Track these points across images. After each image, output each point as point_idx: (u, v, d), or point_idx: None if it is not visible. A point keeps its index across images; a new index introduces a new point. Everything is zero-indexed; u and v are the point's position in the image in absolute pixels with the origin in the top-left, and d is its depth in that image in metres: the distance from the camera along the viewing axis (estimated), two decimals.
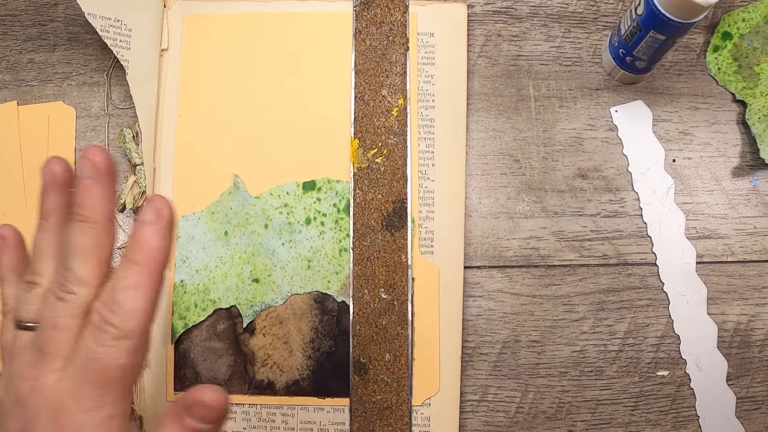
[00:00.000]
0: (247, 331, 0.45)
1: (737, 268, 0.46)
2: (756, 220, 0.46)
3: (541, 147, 0.47)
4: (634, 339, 0.45)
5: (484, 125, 0.48)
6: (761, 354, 0.45)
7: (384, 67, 0.46)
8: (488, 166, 0.47)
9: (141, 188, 0.46)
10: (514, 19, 0.49)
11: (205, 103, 0.48)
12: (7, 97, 0.49)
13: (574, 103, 0.48)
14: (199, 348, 0.45)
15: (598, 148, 0.47)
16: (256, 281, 0.45)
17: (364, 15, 0.46)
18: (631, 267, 0.46)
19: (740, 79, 0.47)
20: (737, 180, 0.47)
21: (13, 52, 0.49)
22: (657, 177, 0.47)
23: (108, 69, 0.49)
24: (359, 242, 0.44)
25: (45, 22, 0.50)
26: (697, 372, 0.45)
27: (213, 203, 0.46)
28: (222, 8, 0.49)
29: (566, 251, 0.46)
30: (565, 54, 0.48)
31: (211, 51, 0.48)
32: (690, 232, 0.46)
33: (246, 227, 0.46)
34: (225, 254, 0.46)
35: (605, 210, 0.46)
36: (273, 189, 0.46)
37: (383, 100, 0.45)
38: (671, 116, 0.47)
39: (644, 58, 0.44)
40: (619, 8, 0.49)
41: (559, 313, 0.46)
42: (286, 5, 0.48)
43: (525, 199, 0.47)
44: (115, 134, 0.48)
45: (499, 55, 0.48)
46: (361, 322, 0.44)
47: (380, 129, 0.45)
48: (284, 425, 0.44)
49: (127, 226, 0.47)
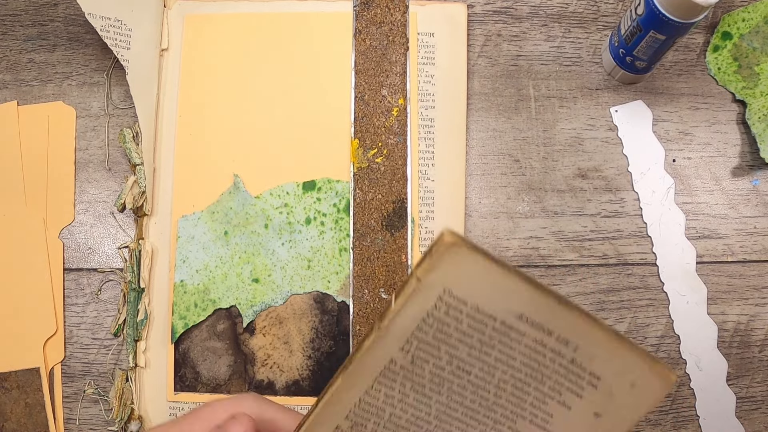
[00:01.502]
0: (247, 331, 0.45)
1: (737, 268, 0.46)
2: (756, 220, 0.46)
3: (541, 147, 0.47)
4: (634, 339, 0.45)
5: (484, 125, 0.48)
6: (761, 354, 0.45)
7: (384, 67, 0.46)
8: (488, 166, 0.47)
9: (141, 188, 0.46)
10: (514, 19, 0.49)
11: (205, 103, 0.48)
12: (7, 97, 0.49)
13: (574, 103, 0.48)
14: (199, 348, 0.45)
15: (598, 148, 0.47)
16: (256, 281, 0.45)
17: (364, 15, 0.46)
18: (631, 267, 0.46)
19: (740, 79, 0.47)
20: (737, 180, 0.47)
21: (13, 52, 0.49)
22: (657, 177, 0.47)
23: (108, 69, 0.49)
24: (359, 242, 0.44)
25: (45, 22, 0.50)
26: (697, 372, 0.45)
27: (213, 203, 0.46)
28: (222, 8, 0.49)
29: (566, 251, 0.46)
30: (565, 54, 0.48)
31: (211, 51, 0.48)
32: (690, 232, 0.46)
33: (246, 227, 0.46)
34: (225, 254, 0.46)
35: (605, 210, 0.46)
36: (273, 189, 0.46)
37: (383, 100, 0.45)
38: (671, 116, 0.47)
39: (644, 58, 0.44)
40: (619, 8, 0.49)
41: None
42: (286, 5, 0.48)
43: (525, 199, 0.47)
44: (115, 134, 0.48)
45: (499, 55, 0.48)
46: (361, 322, 0.44)
47: (380, 129, 0.45)
48: None
49: (127, 226, 0.47)
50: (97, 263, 0.47)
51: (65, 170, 0.48)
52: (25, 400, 0.45)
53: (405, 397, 0.24)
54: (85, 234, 0.47)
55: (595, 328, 0.22)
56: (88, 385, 0.45)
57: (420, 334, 0.23)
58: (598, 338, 0.22)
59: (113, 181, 0.48)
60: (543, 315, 0.22)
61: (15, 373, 0.45)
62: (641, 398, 0.22)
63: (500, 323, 0.22)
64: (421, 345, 0.23)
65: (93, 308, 0.46)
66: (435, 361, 0.23)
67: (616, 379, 0.22)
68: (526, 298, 0.22)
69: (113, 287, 0.47)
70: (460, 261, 0.21)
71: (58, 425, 0.45)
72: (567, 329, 0.22)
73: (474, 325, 0.22)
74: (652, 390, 0.22)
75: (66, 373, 0.46)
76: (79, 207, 0.47)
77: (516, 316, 0.22)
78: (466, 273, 0.21)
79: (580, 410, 0.23)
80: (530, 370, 0.23)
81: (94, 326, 0.46)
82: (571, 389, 0.23)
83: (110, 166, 0.48)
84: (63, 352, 0.46)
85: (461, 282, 0.22)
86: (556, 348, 0.22)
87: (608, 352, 0.22)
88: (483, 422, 0.24)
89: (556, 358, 0.23)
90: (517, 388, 0.23)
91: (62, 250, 0.47)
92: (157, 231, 0.46)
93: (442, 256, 0.21)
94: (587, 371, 0.23)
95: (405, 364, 0.24)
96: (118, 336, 0.46)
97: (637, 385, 0.22)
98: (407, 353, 0.23)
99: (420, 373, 0.24)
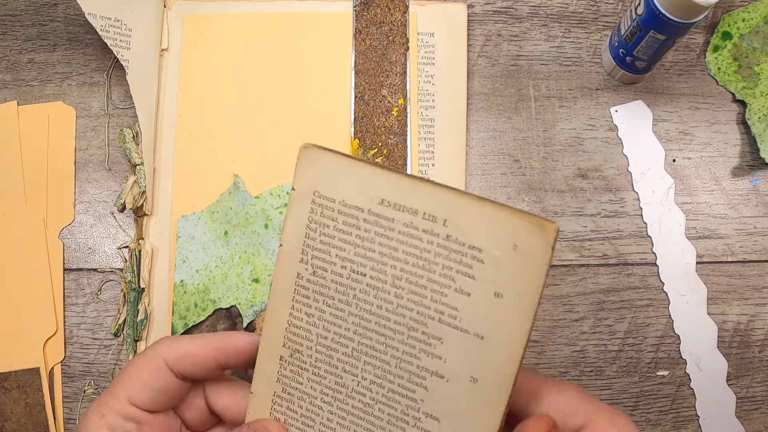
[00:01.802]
0: (248, 331, 0.45)
1: (737, 268, 0.46)
2: (756, 220, 0.46)
3: (541, 147, 0.47)
4: (634, 339, 0.45)
5: (484, 125, 0.48)
6: (761, 354, 0.45)
7: (384, 67, 0.46)
8: (488, 166, 0.47)
9: (141, 188, 0.46)
10: (514, 19, 0.49)
11: (205, 103, 0.48)
12: (7, 97, 0.49)
13: (574, 103, 0.48)
14: None
15: (598, 148, 0.47)
16: (256, 281, 0.45)
17: (364, 15, 0.46)
18: (631, 267, 0.46)
19: (740, 79, 0.47)
20: (737, 180, 0.47)
21: (13, 52, 0.49)
22: (657, 177, 0.47)
23: (108, 69, 0.49)
24: None
25: (45, 22, 0.50)
26: (697, 372, 0.45)
27: (213, 203, 0.46)
28: (222, 8, 0.49)
29: (566, 251, 0.46)
30: (565, 54, 0.48)
31: (211, 51, 0.48)
32: (690, 232, 0.46)
33: (246, 227, 0.46)
34: (225, 254, 0.46)
35: (605, 210, 0.46)
36: (273, 189, 0.46)
37: (383, 100, 0.45)
38: (671, 116, 0.47)
39: (644, 58, 0.44)
40: (619, 8, 0.49)
41: (559, 313, 0.46)
42: (286, 5, 0.48)
43: (525, 199, 0.47)
44: (115, 134, 0.48)
45: (499, 55, 0.48)
46: None
47: (380, 129, 0.45)
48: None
49: (127, 226, 0.47)
50: (97, 263, 0.47)
51: (65, 170, 0.48)
52: (25, 400, 0.45)
53: (322, 314, 0.26)
54: (85, 234, 0.47)
55: (454, 195, 0.23)
56: (88, 385, 0.45)
57: (310, 241, 0.25)
58: (461, 206, 0.23)
59: (113, 181, 0.48)
60: (402, 195, 0.23)
61: (15, 373, 0.45)
62: (530, 259, 0.22)
63: (368, 213, 0.24)
64: (314, 253, 0.25)
65: (93, 308, 0.46)
66: (331, 267, 0.25)
67: (495, 245, 0.22)
68: (381, 183, 0.23)
69: (113, 287, 0.47)
70: (315, 160, 0.24)
71: (58, 425, 0.45)
72: (429, 204, 0.23)
73: (348, 220, 0.24)
74: (537, 246, 0.22)
75: (66, 373, 0.46)
76: (79, 207, 0.47)
77: (378, 201, 0.24)
78: (325, 171, 0.24)
79: (479, 294, 0.23)
80: (415, 258, 0.24)
81: (94, 326, 0.46)
82: (461, 271, 0.23)
83: (110, 166, 0.48)
84: (63, 352, 0.46)
85: (324, 181, 0.24)
86: (428, 227, 0.23)
87: (476, 218, 0.22)
88: (397, 330, 0.24)
89: (432, 239, 0.23)
90: (411, 282, 0.24)
91: (62, 250, 0.47)
92: (157, 231, 0.46)
93: (300, 160, 0.24)
94: (465, 245, 0.23)
95: (309, 277, 0.25)
96: (118, 336, 0.46)
97: (519, 246, 0.22)
98: (307, 264, 0.25)
99: (324, 284, 0.25)
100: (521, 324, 0.22)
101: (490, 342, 0.23)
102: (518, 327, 0.22)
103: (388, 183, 0.23)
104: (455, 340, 0.23)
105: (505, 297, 0.22)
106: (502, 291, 0.23)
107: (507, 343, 0.23)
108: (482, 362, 0.23)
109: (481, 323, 0.23)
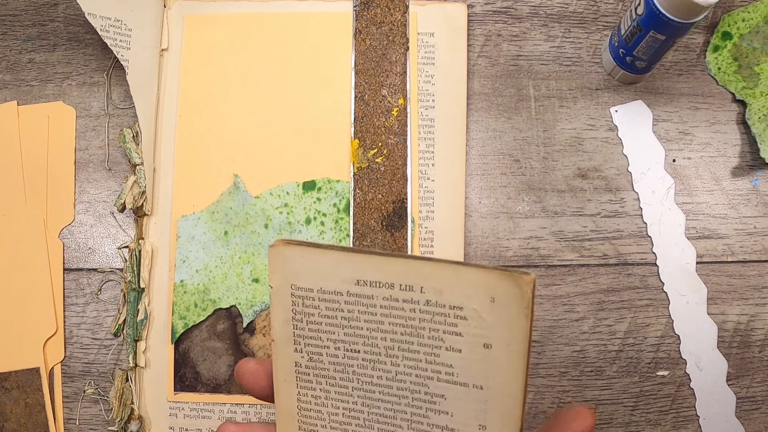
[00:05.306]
0: (247, 331, 0.45)
1: (737, 268, 0.46)
2: (756, 220, 0.46)
3: (541, 147, 0.47)
4: (634, 339, 0.45)
5: (484, 125, 0.48)
6: (761, 354, 0.45)
7: (384, 67, 0.46)
8: (488, 166, 0.47)
9: (141, 188, 0.46)
10: (514, 19, 0.49)
11: (205, 103, 0.48)
12: (7, 97, 0.49)
13: (574, 103, 0.48)
14: (199, 348, 0.45)
15: (598, 148, 0.47)
16: (256, 281, 0.45)
17: (364, 15, 0.46)
18: (631, 267, 0.46)
19: (740, 79, 0.47)
20: (737, 180, 0.47)
21: (13, 52, 0.49)
22: (657, 177, 0.47)
23: (108, 69, 0.49)
24: (359, 242, 0.44)
25: (45, 22, 0.50)
26: (697, 372, 0.45)
27: (213, 203, 0.46)
28: (222, 8, 0.49)
29: (566, 251, 0.46)
30: (565, 54, 0.48)
31: (211, 51, 0.48)
32: (690, 232, 0.46)
33: (246, 227, 0.46)
34: (225, 254, 0.46)
35: (605, 210, 0.46)
36: (273, 189, 0.46)
37: (383, 100, 0.45)
38: (671, 116, 0.47)
39: (644, 58, 0.44)
40: (619, 8, 0.49)
41: (559, 313, 0.46)
42: (286, 5, 0.48)
43: (525, 199, 0.47)
44: (115, 134, 0.48)
45: (499, 55, 0.48)
46: None
47: (380, 129, 0.45)
48: None
49: (127, 226, 0.47)
50: (97, 263, 0.47)
51: (65, 170, 0.48)
52: (25, 400, 0.45)
53: (328, 394, 0.26)
54: (85, 234, 0.47)
55: (424, 264, 0.23)
56: (88, 385, 0.45)
57: (299, 331, 0.25)
58: (432, 271, 0.23)
59: (113, 181, 0.48)
60: (375, 272, 0.24)
61: (15, 373, 0.45)
62: (509, 307, 0.22)
63: (348, 295, 0.24)
64: (306, 341, 0.26)
65: (93, 308, 0.46)
66: (326, 350, 0.26)
67: (473, 301, 0.23)
68: (353, 265, 0.24)
69: (113, 287, 0.47)
70: (285, 257, 0.24)
71: (58, 425, 0.45)
72: (402, 276, 0.24)
73: (330, 305, 0.25)
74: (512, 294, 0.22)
75: (66, 373, 0.46)
76: (79, 207, 0.47)
77: (354, 282, 0.24)
78: (297, 265, 0.24)
79: (470, 348, 0.24)
80: (402, 327, 0.24)
81: (94, 326, 0.46)
82: (448, 330, 0.24)
83: (110, 166, 0.48)
84: (63, 352, 0.46)
85: (298, 274, 0.25)
86: (407, 297, 0.24)
87: (450, 280, 0.23)
88: (401, 395, 0.25)
89: (414, 306, 0.24)
90: (404, 350, 0.25)
91: (62, 250, 0.47)
92: (157, 231, 0.46)
93: (272, 259, 0.24)
94: (446, 306, 0.23)
95: (307, 363, 0.26)
96: (118, 336, 0.46)
97: (497, 297, 0.23)
98: (302, 352, 0.26)
99: (323, 366, 0.26)
100: (515, 367, 0.23)
101: (490, 389, 0.24)
102: (513, 370, 0.23)
103: (359, 264, 0.24)
104: (457, 394, 0.24)
105: (495, 346, 0.23)
106: (490, 341, 0.23)
107: (507, 387, 0.24)
108: (486, 409, 0.24)
109: (477, 374, 0.24)
